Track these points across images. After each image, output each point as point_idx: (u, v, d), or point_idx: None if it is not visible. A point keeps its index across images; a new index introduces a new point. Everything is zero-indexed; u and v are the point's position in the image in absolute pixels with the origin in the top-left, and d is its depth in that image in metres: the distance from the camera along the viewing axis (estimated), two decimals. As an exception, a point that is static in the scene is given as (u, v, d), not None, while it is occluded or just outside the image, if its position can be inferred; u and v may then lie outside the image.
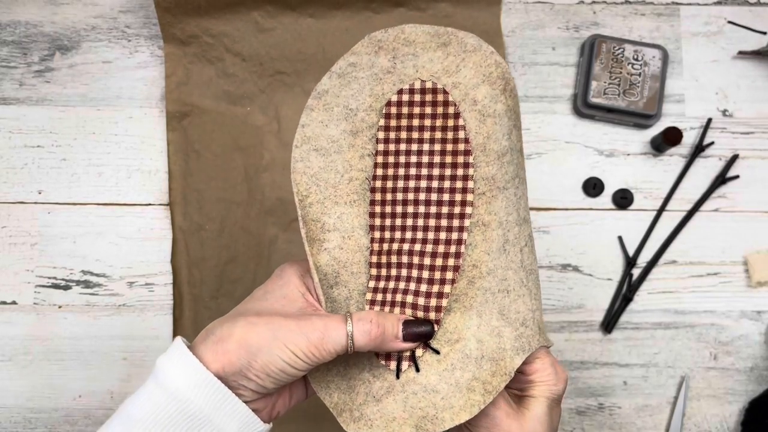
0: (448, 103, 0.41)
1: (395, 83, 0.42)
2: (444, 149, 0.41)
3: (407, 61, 0.42)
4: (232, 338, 0.38)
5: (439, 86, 0.41)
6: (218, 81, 0.67)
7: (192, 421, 0.37)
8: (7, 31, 0.68)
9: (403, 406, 0.41)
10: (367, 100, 0.42)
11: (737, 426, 0.66)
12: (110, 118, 0.68)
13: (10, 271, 0.66)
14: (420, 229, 0.41)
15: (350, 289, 0.42)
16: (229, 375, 0.38)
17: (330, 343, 0.38)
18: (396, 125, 0.42)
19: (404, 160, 0.42)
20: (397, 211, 0.42)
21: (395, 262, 0.41)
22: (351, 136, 0.42)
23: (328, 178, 0.42)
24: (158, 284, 0.66)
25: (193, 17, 0.66)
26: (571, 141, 0.69)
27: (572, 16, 0.70)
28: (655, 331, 0.67)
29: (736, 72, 0.69)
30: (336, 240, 0.42)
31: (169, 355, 0.39)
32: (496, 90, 0.41)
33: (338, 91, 0.42)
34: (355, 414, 0.42)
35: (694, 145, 0.68)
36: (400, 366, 0.42)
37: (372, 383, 0.42)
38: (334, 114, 0.42)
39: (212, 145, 0.67)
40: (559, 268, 0.67)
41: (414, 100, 0.41)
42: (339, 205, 0.42)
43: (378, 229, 0.42)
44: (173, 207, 0.66)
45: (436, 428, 0.41)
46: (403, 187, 0.41)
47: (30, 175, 0.67)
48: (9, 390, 0.65)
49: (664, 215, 0.68)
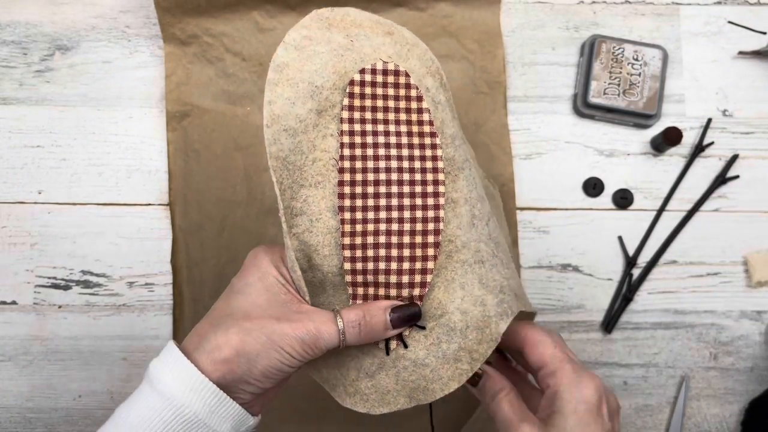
0: (410, 86, 0.42)
1: (356, 61, 0.41)
2: (410, 131, 0.42)
3: (363, 41, 0.42)
4: (230, 346, 0.38)
5: (401, 69, 0.42)
6: (218, 81, 0.67)
7: (187, 425, 0.38)
8: (7, 31, 0.68)
9: (395, 379, 0.43)
10: (332, 78, 0.41)
11: (737, 426, 0.66)
12: (110, 118, 0.68)
13: (10, 271, 0.66)
14: (395, 208, 0.41)
15: (324, 272, 0.42)
16: (229, 382, 0.39)
17: (323, 342, 0.40)
18: (360, 105, 0.41)
19: (372, 140, 0.41)
20: (369, 192, 0.41)
21: (371, 242, 0.41)
22: (316, 115, 0.41)
23: (296, 161, 0.41)
24: (158, 284, 0.66)
25: (193, 17, 0.66)
26: (571, 141, 0.69)
27: (572, 16, 0.70)
28: (655, 331, 0.67)
29: (736, 72, 0.69)
30: (304, 224, 0.41)
31: (163, 359, 0.39)
32: (437, 82, 0.44)
33: (300, 65, 0.40)
34: (350, 389, 0.43)
35: (694, 145, 0.68)
36: (389, 344, 0.42)
37: (362, 360, 0.43)
38: (300, 91, 0.40)
39: (212, 145, 0.67)
40: (559, 268, 0.67)
41: (376, 80, 0.42)
42: (304, 188, 0.41)
43: (348, 210, 0.41)
44: (173, 207, 0.66)
45: (427, 398, 0.42)
46: (373, 167, 0.41)
47: (30, 175, 0.67)
48: (9, 390, 0.65)
49: (664, 215, 0.68)
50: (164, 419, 0.37)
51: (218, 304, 0.42)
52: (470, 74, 0.68)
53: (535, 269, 0.67)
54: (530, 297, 0.67)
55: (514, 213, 0.67)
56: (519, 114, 0.69)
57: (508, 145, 0.68)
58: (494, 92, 0.68)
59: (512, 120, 0.69)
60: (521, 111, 0.69)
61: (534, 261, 0.67)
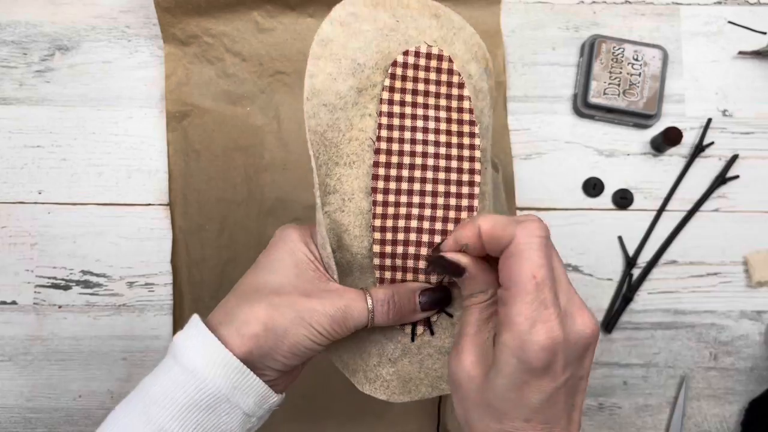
0: (453, 72, 0.41)
1: (400, 42, 0.41)
2: (449, 117, 0.41)
3: (409, 22, 0.41)
4: (258, 321, 0.38)
5: (444, 54, 0.41)
6: (218, 81, 0.67)
7: (210, 400, 0.37)
8: (7, 31, 0.68)
9: (419, 367, 0.41)
10: (374, 57, 0.40)
11: (737, 426, 0.66)
12: (110, 118, 0.68)
13: (10, 271, 0.66)
14: (428, 194, 0.40)
15: (353, 253, 0.41)
16: (256, 358, 0.38)
17: (351, 321, 0.39)
18: (401, 87, 0.41)
19: (410, 123, 0.40)
20: (403, 175, 0.40)
21: (402, 226, 0.40)
22: (356, 93, 0.40)
23: (333, 137, 0.40)
24: (158, 284, 0.66)
25: (193, 17, 0.66)
26: (571, 141, 0.69)
27: (572, 16, 0.70)
28: (655, 331, 0.67)
29: (736, 72, 0.69)
30: (336, 203, 0.40)
31: (188, 333, 0.39)
32: (481, 68, 0.43)
33: (345, 41, 0.40)
34: (370, 375, 0.42)
35: (694, 145, 0.68)
36: (415, 330, 0.41)
37: (385, 345, 0.42)
38: (343, 67, 0.39)
39: (212, 145, 0.67)
40: (559, 268, 0.67)
41: (419, 63, 0.41)
42: (339, 166, 0.40)
43: (381, 192, 0.40)
44: (173, 207, 0.66)
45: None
46: (409, 151, 0.40)
47: (30, 175, 0.67)
48: (9, 390, 0.65)
49: (664, 215, 0.68)
50: (187, 393, 0.37)
51: (245, 279, 0.41)
52: (470, 74, 0.68)
53: (535, 269, 0.67)
54: (530, 297, 0.67)
55: (514, 213, 0.67)
56: (519, 114, 0.69)
57: (508, 145, 0.68)
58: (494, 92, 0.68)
59: (512, 120, 0.69)
60: (521, 111, 0.69)
61: (534, 261, 0.67)
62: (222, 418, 0.38)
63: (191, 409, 0.37)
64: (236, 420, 0.38)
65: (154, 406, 0.37)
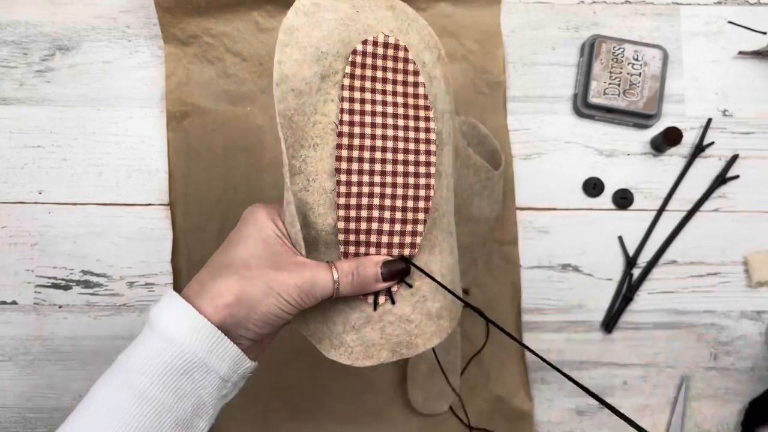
0: (408, 60, 0.44)
1: (360, 32, 0.43)
2: (406, 102, 0.44)
3: (367, 12, 0.44)
4: (231, 292, 0.40)
5: (401, 43, 0.44)
6: (218, 81, 0.67)
7: (187, 365, 0.39)
8: (8, 31, 0.68)
9: (380, 333, 0.45)
10: (336, 45, 0.42)
11: (737, 426, 0.66)
12: (110, 118, 0.68)
13: (10, 271, 0.66)
14: (389, 173, 0.43)
15: (318, 230, 0.43)
16: (229, 327, 0.41)
17: (318, 290, 0.42)
18: (361, 74, 0.43)
19: (370, 108, 0.43)
20: (365, 156, 0.43)
21: (365, 203, 0.43)
22: (320, 79, 0.42)
23: (299, 121, 0.42)
24: (158, 284, 0.66)
25: (193, 17, 0.66)
26: (571, 141, 0.69)
27: (572, 16, 0.70)
28: (655, 331, 0.67)
29: (736, 72, 0.69)
30: (302, 182, 0.43)
31: (162, 305, 0.41)
32: (434, 56, 0.46)
33: (309, 30, 0.42)
34: (335, 342, 0.45)
35: (694, 145, 0.68)
36: (378, 299, 0.45)
37: (349, 314, 0.45)
38: (308, 54, 0.42)
39: (212, 145, 0.67)
40: (559, 268, 0.67)
41: (377, 52, 0.44)
42: (304, 148, 0.42)
43: (345, 173, 0.43)
44: (173, 207, 0.66)
45: (410, 352, 0.45)
46: (370, 133, 0.43)
47: (30, 175, 0.67)
48: (9, 390, 0.65)
49: (664, 215, 0.68)
50: (165, 359, 0.39)
51: (217, 255, 0.43)
52: (470, 74, 0.68)
53: (535, 269, 0.67)
54: (530, 297, 0.67)
55: (514, 213, 0.67)
56: (519, 114, 0.69)
57: (508, 145, 0.68)
58: (494, 92, 0.68)
59: (512, 120, 0.69)
60: (521, 111, 0.69)
61: (534, 261, 0.67)
62: (199, 382, 0.40)
63: (170, 374, 0.39)
64: (213, 384, 0.41)
65: (134, 373, 0.39)
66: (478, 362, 0.66)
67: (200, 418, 0.41)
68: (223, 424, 0.64)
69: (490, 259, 0.67)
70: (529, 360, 0.66)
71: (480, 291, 0.66)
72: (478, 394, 0.66)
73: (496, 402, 0.65)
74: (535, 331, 0.67)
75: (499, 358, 0.66)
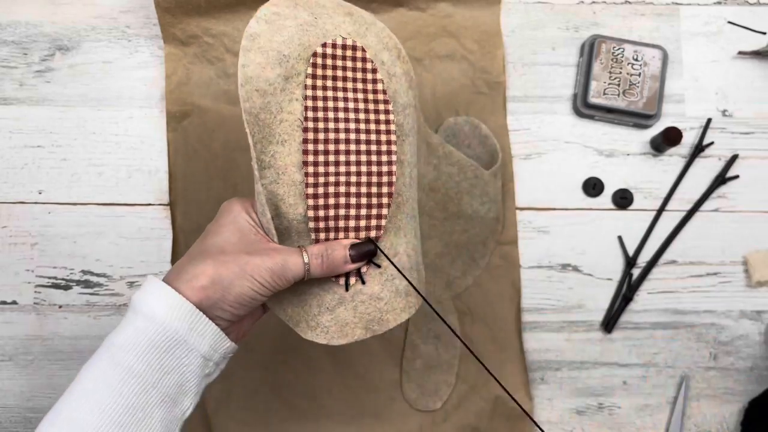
0: (366, 60, 0.48)
1: (319, 36, 0.47)
2: (366, 98, 0.48)
3: (326, 19, 0.48)
4: (206, 275, 0.43)
5: (358, 44, 0.48)
6: (218, 81, 0.67)
7: (169, 342, 0.42)
8: (8, 31, 0.68)
9: (353, 312, 0.48)
10: (297, 49, 0.46)
11: (737, 426, 0.66)
12: (110, 118, 0.68)
13: (10, 271, 0.66)
14: (353, 163, 0.47)
15: (289, 219, 0.46)
16: (205, 308, 0.43)
17: (290, 272, 0.44)
18: (322, 74, 0.47)
19: (332, 105, 0.47)
20: (330, 149, 0.46)
21: (332, 192, 0.46)
22: (284, 80, 0.45)
23: (265, 119, 0.45)
24: (158, 284, 0.66)
25: (193, 17, 0.66)
26: (571, 141, 0.69)
27: (572, 16, 0.70)
28: (655, 331, 0.67)
29: (736, 72, 0.69)
30: (272, 176, 0.46)
31: (144, 289, 0.43)
32: (393, 56, 0.50)
33: (270, 36, 0.45)
34: (311, 323, 0.48)
35: (694, 145, 0.68)
36: (349, 281, 0.48)
37: (323, 296, 0.48)
38: (270, 58, 0.45)
39: (212, 145, 0.67)
40: (559, 268, 0.67)
41: (337, 53, 0.47)
42: (273, 144, 0.45)
43: (312, 165, 0.46)
44: (173, 207, 0.66)
45: (382, 328, 0.48)
46: (334, 128, 0.46)
47: (30, 175, 0.67)
48: (9, 390, 0.65)
49: (664, 215, 0.68)
50: (149, 337, 0.41)
51: (194, 246, 0.46)
52: (470, 74, 0.68)
53: (535, 269, 0.67)
54: (530, 297, 0.67)
55: (514, 213, 0.67)
56: (519, 114, 0.69)
57: (508, 145, 0.68)
58: (494, 92, 0.68)
59: (512, 120, 0.69)
60: (521, 111, 0.69)
61: (534, 261, 0.67)
62: (182, 360, 0.42)
63: (153, 351, 0.41)
64: (195, 362, 0.43)
65: (120, 351, 0.41)
66: (477, 362, 0.66)
67: (185, 395, 0.43)
68: (223, 424, 0.64)
69: (490, 260, 0.67)
70: (529, 360, 0.66)
71: (480, 291, 0.66)
72: (478, 394, 0.66)
73: (496, 402, 0.65)
74: (535, 331, 0.67)
75: (499, 358, 0.66)
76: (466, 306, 0.66)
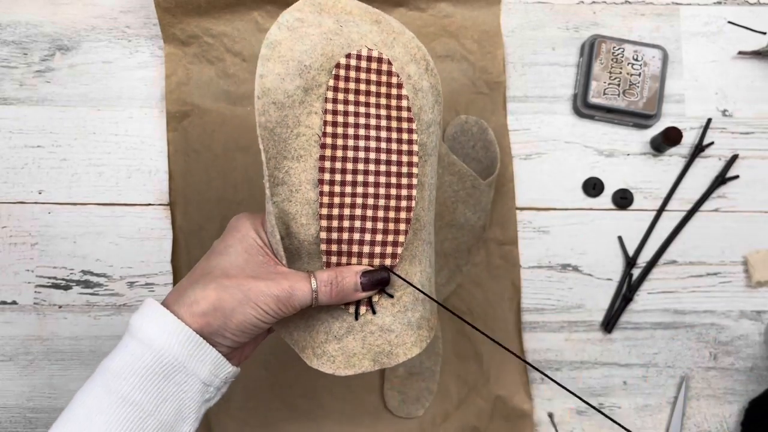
0: (392, 73, 0.45)
1: (343, 46, 0.44)
2: (389, 114, 0.45)
3: (351, 27, 0.45)
4: (207, 301, 0.41)
5: (384, 56, 0.45)
6: (218, 81, 0.67)
7: (167, 368, 0.40)
8: (8, 31, 0.68)
9: (362, 343, 0.45)
10: (320, 59, 0.43)
11: (737, 426, 0.66)
12: (110, 118, 0.68)
13: (10, 271, 0.66)
14: (371, 185, 0.44)
15: (300, 240, 0.44)
16: (206, 335, 0.41)
17: (296, 300, 0.42)
18: (345, 87, 0.44)
19: (353, 120, 0.44)
20: (348, 168, 0.44)
21: (348, 214, 0.44)
22: (303, 92, 0.43)
23: (281, 133, 0.43)
24: (158, 284, 0.66)
25: (193, 17, 0.66)
26: (571, 141, 0.69)
27: (572, 16, 0.70)
28: (655, 331, 0.67)
29: (736, 72, 0.69)
30: (284, 193, 0.43)
31: (142, 312, 0.41)
32: (420, 69, 0.47)
33: (292, 44, 0.43)
34: (317, 351, 0.45)
35: (694, 145, 0.68)
36: (359, 309, 0.45)
37: (331, 324, 0.45)
38: (290, 68, 0.42)
39: (212, 145, 0.67)
40: (559, 268, 0.67)
41: (361, 65, 0.44)
42: (287, 160, 0.43)
43: (327, 183, 0.43)
44: (173, 207, 0.66)
45: (391, 362, 0.46)
46: (353, 145, 0.44)
47: (30, 175, 0.67)
48: (9, 390, 0.65)
49: (664, 215, 0.68)
50: (145, 363, 0.39)
51: (199, 265, 0.44)
52: (470, 74, 0.68)
53: (535, 269, 0.67)
54: (530, 297, 0.67)
55: (514, 213, 0.67)
56: (519, 114, 0.69)
57: (507, 145, 0.68)
58: (494, 92, 0.68)
59: (512, 120, 0.69)
60: (521, 111, 0.69)
61: (534, 261, 0.67)
62: (181, 386, 0.40)
63: (151, 378, 0.39)
64: (194, 388, 0.41)
65: (115, 379, 0.39)
66: (477, 362, 0.66)
67: (183, 422, 0.41)
68: (223, 424, 0.64)
69: (490, 260, 0.67)
70: (529, 360, 0.66)
71: (480, 291, 0.66)
72: (478, 394, 0.66)
73: (496, 402, 0.65)
74: (535, 331, 0.67)
75: (499, 358, 0.66)
76: (466, 306, 0.66)
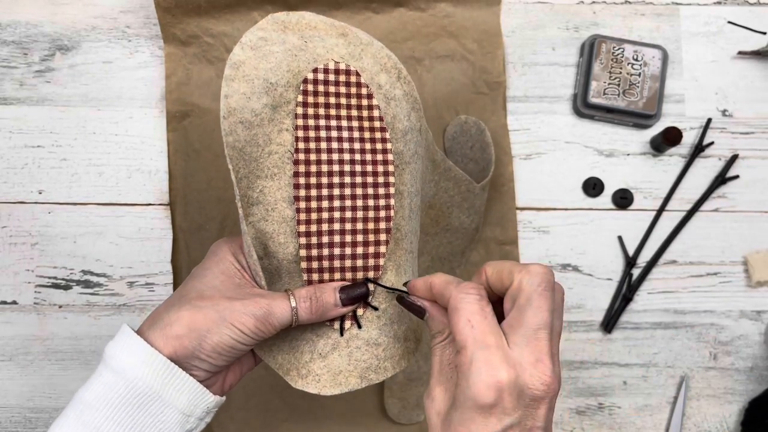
0: (361, 84, 0.45)
1: (309, 61, 0.44)
2: (362, 126, 0.45)
3: (317, 42, 0.44)
4: (181, 322, 0.40)
5: (351, 68, 0.45)
6: (218, 81, 0.67)
7: (141, 398, 0.39)
8: (8, 31, 0.68)
9: (348, 359, 0.44)
10: (286, 76, 0.43)
11: (737, 426, 0.66)
12: (110, 118, 0.68)
13: (10, 271, 0.66)
14: (348, 197, 0.44)
15: (279, 259, 0.43)
16: (181, 358, 0.40)
17: (275, 318, 0.41)
18: (314, 102, 0.44)
19: (325, 134, 0.44)
20: (323, 182, 0.43)
21: (326, 229, 0.43)
22: (271, 110, 0.43)
23: (251, 152, 0.42)
24: (158, 284, 0.66)
25: (193, 17, 0.66)
26: (571, 141, 0.69)
27: (572, 16, 0.70)
28: (654, 331, 0.67)
29: (736, 72, 0.69)
30: (260, 213, 0.43)
31: (116, 340, 0.40)
32: (392, 78, 0.46)
33: (256, 63, 0.42)
34: (302, 371, 0.44)
35: (694, 145, 0.69)
36: (344, 324, 0.44)
37: (316, 342, 0.44)
38: (256, 87, 0.42)
39: (212, 145, 0.67)
40: (559, 268, 0.67)
41: (329, 79, 0.44)
42: (260, 179, 0.43)
43: (304, 200, 0.43)
44: (173, 207, 0.66)
45: (379, 377, 0.44)
46: (327, 159, 0.43)
47: (30, 175, 0.67)
48: (9, 390, 0.65)
49: (664, 215, 0.68)
50: (119, 393, 0.38)
51: (177, 290, 0.43)
52: (470, 74, 0.68)
53: (535, 269, 0.67)
54: (530, 297, 0.67)
55: (514, 213, 0.67)
56: (519, 114, 0.69)
57: (508, 145, 0.68)
58: (494, 92, 0.68)
59: (512, 120, 0.69)
60: (521, 111, 0.69)
61: (534, 261, 0.67)
62: (158, 417, 0.39)
63: (124, 408, 0.38)
64: (173, 419, 0.40)
65: (88, 410, 0.38)
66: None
67: None
68: (223, 424, 0.64)
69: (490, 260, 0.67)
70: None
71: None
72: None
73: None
74: (535, 331, 0.67)
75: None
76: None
